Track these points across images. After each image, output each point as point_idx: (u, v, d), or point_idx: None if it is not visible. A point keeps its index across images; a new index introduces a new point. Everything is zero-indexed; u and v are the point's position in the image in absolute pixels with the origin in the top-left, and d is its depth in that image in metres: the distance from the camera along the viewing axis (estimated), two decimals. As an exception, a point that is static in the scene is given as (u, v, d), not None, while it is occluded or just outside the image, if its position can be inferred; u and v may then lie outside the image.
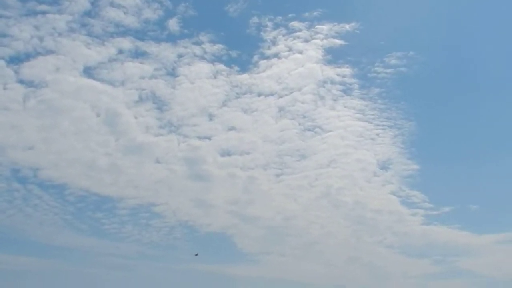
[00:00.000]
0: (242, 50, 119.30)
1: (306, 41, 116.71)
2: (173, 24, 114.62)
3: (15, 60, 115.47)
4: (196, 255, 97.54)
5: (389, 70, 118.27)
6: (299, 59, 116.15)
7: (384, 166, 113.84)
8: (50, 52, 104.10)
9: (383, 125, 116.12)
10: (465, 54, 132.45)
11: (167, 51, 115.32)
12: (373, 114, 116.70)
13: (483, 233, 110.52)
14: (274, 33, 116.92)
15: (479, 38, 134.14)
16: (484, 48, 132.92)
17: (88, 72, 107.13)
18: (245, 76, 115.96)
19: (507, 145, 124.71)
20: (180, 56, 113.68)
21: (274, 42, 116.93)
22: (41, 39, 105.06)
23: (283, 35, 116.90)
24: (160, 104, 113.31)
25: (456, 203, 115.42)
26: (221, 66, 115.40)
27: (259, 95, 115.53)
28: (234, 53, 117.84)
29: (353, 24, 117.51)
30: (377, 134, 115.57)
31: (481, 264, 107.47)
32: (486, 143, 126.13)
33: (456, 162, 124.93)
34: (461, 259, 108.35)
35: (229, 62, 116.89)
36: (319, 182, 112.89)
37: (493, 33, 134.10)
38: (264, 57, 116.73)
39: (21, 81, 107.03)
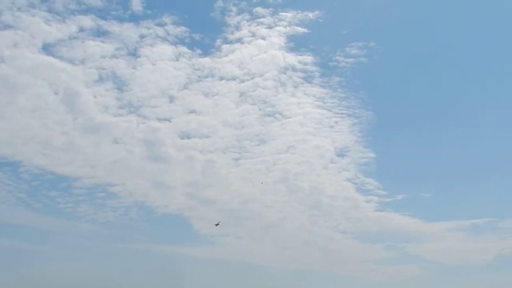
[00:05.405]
0: (205, 34, 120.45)
1: (270, 27, 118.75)
2: (136, 4, 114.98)
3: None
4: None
5: (349, 60, 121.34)
6: (262, 45, 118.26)
7: (341, 153, 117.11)
8: (8, 27, 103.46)
9: (342, 113, 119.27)
10: (425, 45, 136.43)
11: (129, 31, 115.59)
12: (332, 102, 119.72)
13: (434, 220, 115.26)
14: (238, 18, 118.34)
15: (439, 30, 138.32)
16: (444, 39, 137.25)
17: (47, 49, 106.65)
18: (207, 59, 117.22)
19: (461, 135, 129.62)
20: (142, 36, 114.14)
21: (237, 27, 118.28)
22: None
23: (247, 20, 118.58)
24: (120, 84, 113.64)
25: (409, 191, 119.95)
26: (183, 49, 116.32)
27: (221, 79, 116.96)
28: (197, 36, 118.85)
29: (316, 12, 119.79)
30: (336, 122, 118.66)
31: (431, 250, 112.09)
32: (441, 133, 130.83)
33: (411, 151, 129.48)
34: (412, 245, 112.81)
35: (191, 45, 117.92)
36: (277, 167, 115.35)
37: (452, 25, 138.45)
38: (227, 41, 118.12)
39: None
